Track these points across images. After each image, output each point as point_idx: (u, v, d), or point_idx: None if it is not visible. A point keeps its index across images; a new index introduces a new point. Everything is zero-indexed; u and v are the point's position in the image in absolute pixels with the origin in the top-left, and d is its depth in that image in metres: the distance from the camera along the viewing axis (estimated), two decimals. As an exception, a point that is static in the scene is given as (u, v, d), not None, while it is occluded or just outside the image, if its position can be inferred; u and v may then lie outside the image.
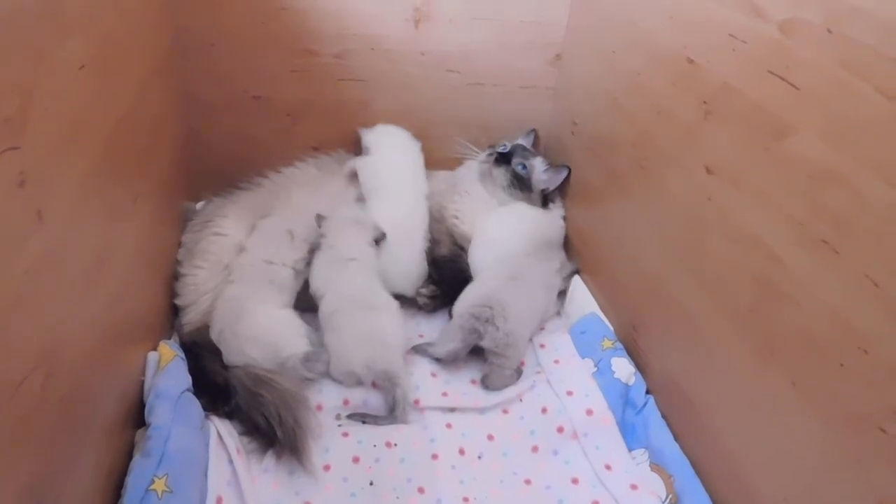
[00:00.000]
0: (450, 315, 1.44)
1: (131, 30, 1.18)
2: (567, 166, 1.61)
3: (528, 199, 1.61)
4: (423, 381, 1.30)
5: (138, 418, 1.08)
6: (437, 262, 1.54)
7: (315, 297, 1.37)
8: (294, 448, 1.12)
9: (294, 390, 1.19)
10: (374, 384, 1.27)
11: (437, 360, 1.35)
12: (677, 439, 1.15)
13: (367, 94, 1.67)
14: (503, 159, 1.60)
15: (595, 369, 1.31)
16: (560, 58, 1.68)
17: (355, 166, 1.60)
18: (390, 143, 1.63)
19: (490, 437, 1.22)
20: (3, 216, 0.68)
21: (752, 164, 0.96)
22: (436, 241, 1.56)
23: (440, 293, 1.50)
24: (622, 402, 1.24)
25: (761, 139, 0.93)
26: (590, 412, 1.22)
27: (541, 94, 1.73)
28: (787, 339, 0.89)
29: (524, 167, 1.59)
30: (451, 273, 1.51)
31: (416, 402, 1.25)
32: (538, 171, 1.61)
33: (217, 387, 1.21)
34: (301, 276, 1.42)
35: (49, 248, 0.78)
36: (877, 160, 0.75)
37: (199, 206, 1.60)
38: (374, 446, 1.16)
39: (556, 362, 1.35)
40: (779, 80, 0.90)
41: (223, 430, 1.13)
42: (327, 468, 1.13)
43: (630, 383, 1.26)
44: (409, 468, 1.13)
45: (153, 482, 0.96)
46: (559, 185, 1.63)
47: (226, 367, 1.24)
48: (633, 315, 1.33)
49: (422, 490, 1.10)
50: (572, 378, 1.30)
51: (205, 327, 1.31)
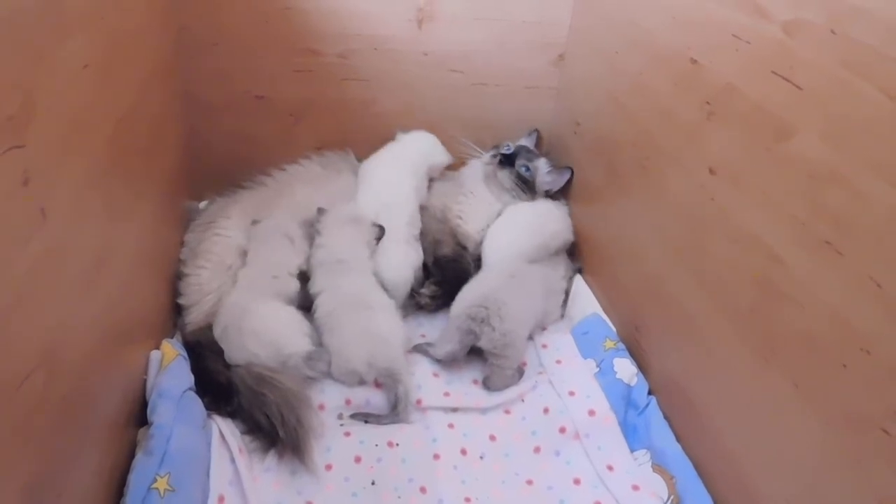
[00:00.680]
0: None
1: (134, 29, 1.18)
2: (570, 168, 1.62)
3: (532, 200, 1.61)
4: (425, 381, 1.30)
5: (140, 417, 1.08)
6: (440, 262, 1.54)
7: (312, 296, 1.38)
8: (296, 447, 1.12)
9: (296, 390, 1.19)
10: (375, 383, 1.27)
11: (438, 361, 1.35)
12: (679, 440, 1.15)
13: (370, 94, 1.67)
14: (507, 161, 1.60)
15: (597, 370, 1.31)
16: (562, 58, 1.68)
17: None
18: (398, 142, 1.64)
19: (492, 438, 1.22)
20: (6, 214, 0.68)
21: (754, 165, 0.96)
22: (438, 241, 1.56)
23: (441, 293, 1.50)
24: (624, 403, 1.24)
25: (764, 139, 0.93)
26: (592, 413, 1.22)
27: (543, 94, 1.73)
28: (789, 340, 0.89)
29: (528, 169, 1.60)
30: (454, 273, 1.50)
31: (418, 401, 1.25)
32: (542, 172, 1.62)
33: (220, 386, 1.21)
34: (304, 274, 1.43)
35: (52, 247, 0.78)
36: (879, 161, 0.75)
37: (201, 205, 1.60)
38: (376, 446, 1.16)
39: (558, 363, 1.35)
40: (782, 80, 0.89)
41: (225, 429, 1.13)
42: (329, 468, 1.13)
43: (632, 384, 1.26)
44: (410, 468, 1.13)
45: (155, 481, 0.96)
46: (562, 187, 1.63)
47: (228, 367, 1.24)
48: (634, 315, 1.33)
49: (423, 490, 1.10)
50: (574, 378, 1.30)
51: (208, 327, 1.31)
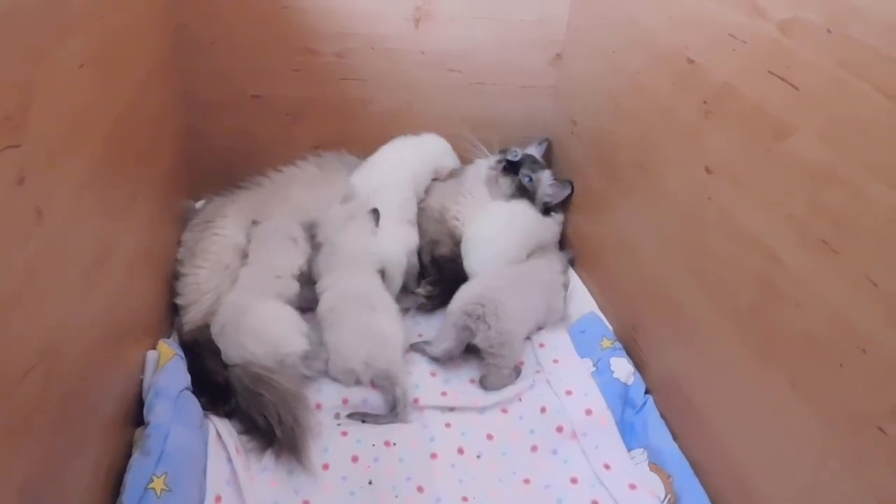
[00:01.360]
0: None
1: (132, 28, 1.18)
2: (571, 183, 1.61)
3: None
4: (423, 380, 1.30)
5: (137, 416, 1.08)
6: (438, 262, 1.54)
7: (318, 292, 1.38)
8: (293, 447, 1.12)
9: (293, 389, 1.18)
10: (372, 384, 1.27)
11: (435, 360, 1.35)
12: (676, 439, 1.15)
13: (368, 93, 1.67)
14: (511, 168, 1.59)
15: (594, 369, 1.31)
16: (560, 57, 1.68)
17: None
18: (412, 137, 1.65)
19: (489, 437, 1.22)
20: (2, 214, 0.68)
21: (752, 164, 0.96)
22: (436, 241, 1.55)
23: (437, 293, 1.50)
24: (621, 402, 1.24)
25: (761, 139, 0.93)
26: (589, 412, 1.22)
27: (541, 92, 1.73)
28: (787, 339, 0.89)
29: (530, 179, 1.58)
30: (451, 273, 1.50)
31: (416, 401, 1.25)
32: (544, 184, 1.60)
33: (217, 386, 1.21)
34: (304, 275, 1.43)
35: (49, 247, 0.78)
36: (876, 160, 0.75)
37: (199, 204, 1.60)
38: (373, 445, 1.16)
39: (555, 362, 1.35)
40: (779, 80, 0.90)
41: (222, 428, 1.13)
42: (326, 467, 1.13)
43: (629, 383, 1.26)
44: (408, 467, 1.13)
45: (152, 480, 0.96)
46: (562, 200, 1.62)
47: (225, 367, 1.24)
48: (632, 315, 1.33)
49: (421, 489, 1.10)
50: (571, 377, 1.30)
51: (205, 326, 1.30)
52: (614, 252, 1.41)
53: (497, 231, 1.52)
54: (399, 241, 1.49)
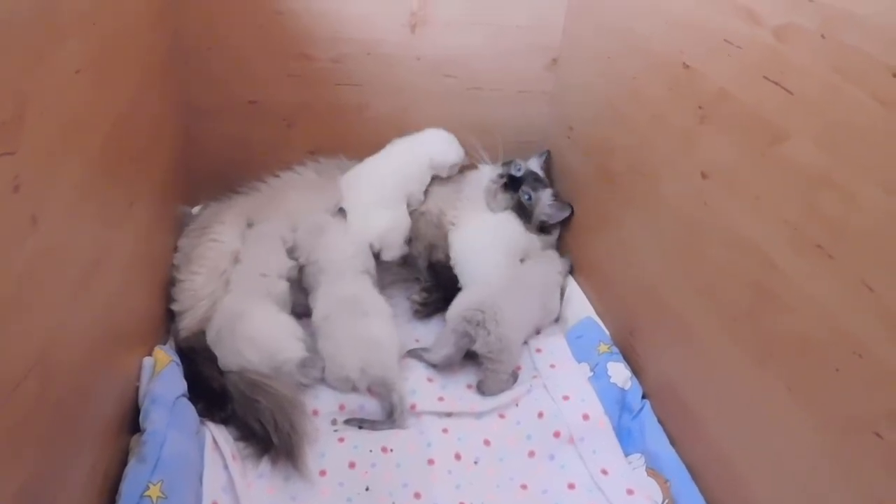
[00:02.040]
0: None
1: (128, 34, 1.18)
2: (571, 206, 1.59)
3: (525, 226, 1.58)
4: (420, 385, 1.30)
5: (134, 423, 1.07)
6: (434, 267, 1.54)
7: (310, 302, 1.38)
8: (289, 453, 1.11)
9: (290, 396, 1.18)
10: (369, 390, 1.26)
11: (434, 366, 1.35)
12: (673, 444, 1.15)
13: (364, 99, 1.67)
14: (513, 184, 1.57)
15: (591, 374, 1.31)
16: (556, 62, 1.68)
17: None
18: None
19: (486, 442, 1.22)
20: (-3, 221, 0.68)
21: (747, 169, 0.96)
22: (434, 246, 1.55)
23: (432, 300, 1.50)
24: (618, 407, 1.24)
25: (756, 144, 0.94)
26: (586, 417, 1.22)
27: (537, 98, 1.73)
28: (783, 344, 0.89)
29: (530, 198, 1.55)
30: (447, 278, 1.50)
31: (413, 406, 1.25)
32: (542, 203, 1.57)
33: (213, 392, 1.20)
34: (295, 283, 1.43)
35: (44, 253, 0.78)
36: (871, 165, 0.76)
37: (195, 210, 1.59)
38: (370, 451, 1.16)
39: (553, 367, 1.35)
40: (773, 85, 0.90)
41: (218, 435, 1.13)
42: (323, 473, 1.12)
43: (626, 388, 1.26)
44: (405, 473, 1.13)
45: (148, 488, 0.95)
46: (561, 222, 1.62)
47: (222, 373, 1.23)
48: (629, 319, 1.33)
49: (418, 495, 1.10)
50: (568, 382, 1.30)
51: (201, 332, 1.30)
52: (611, 257, 1.41)
53: (482, 249, 1.51)
54: (382, 222, 1.48)
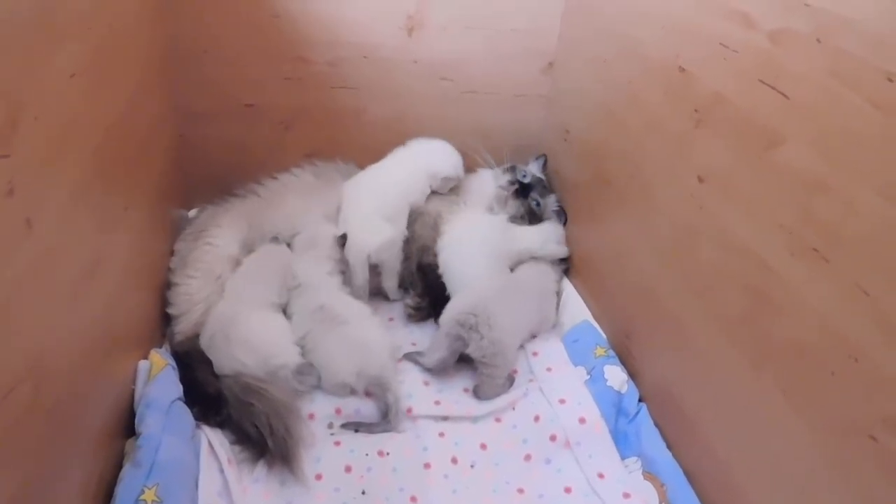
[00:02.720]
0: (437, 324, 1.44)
1: (123, 38, 1.18)
2: (565, 212, 1.63)
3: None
4: (416, 389, 1.30)
5: (129, 428, 1.07)
6: (423, 269, 1.54)
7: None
8: (285, 457, 1.11)
9: (285, 400, 1.18)
10: (366, 393, 1.26)
11: (429, 370, 1.35)
12: (670, 447, 1.15)
13: (360, 102, 1.67)
14: (522, 190, 1.60)
15: (588, 377, 1.30)
16: (552, 66, 1.68)
17: None
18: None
19: (483, 446, 1.21)
20: (-9, 225, 0.68)
21: (743, 173, 0.96)
22: (426, 248, 1.55)
23: (425, 304, 1.50)
24: (615, 411, 1.24)
25: (752, 148, 0.94)
26: (582, 420, 1.22)
27: (533, 102, 1.73)
28: (778, 348, 0.89)
29: (538, 204, 1.61)
30: (435, 280, 1.50)
31: (409, 410, 1.25)
32: (549, 210, 1.63)
33: (209, 396, 1.20)
34: None
35: (38, 257, 0.78)
36: (866, 169, 0.76)
37: (191, 213, 1.59)
38: (367, 455, 1.16)
39: (549, 370, 1.35)
40: (769, 89, 0.90)
41: (214, 439, 1.13)
42: (319, 477, 1.12)
43: (623, 391, 1.26)
44: (401, 477, 1.13)
45: (143, 492, 0.95)
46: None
47: (217, 377, 1.23)
48: (625, 323, 1.33)
49: (414, 499, 1.10)
50: (565, 386, 1.30)
51: (197, 336, 1.30)
52: (607, 260, 1.41)
53: (467, 255, 1.50)
54: (368, 234, 1.47)
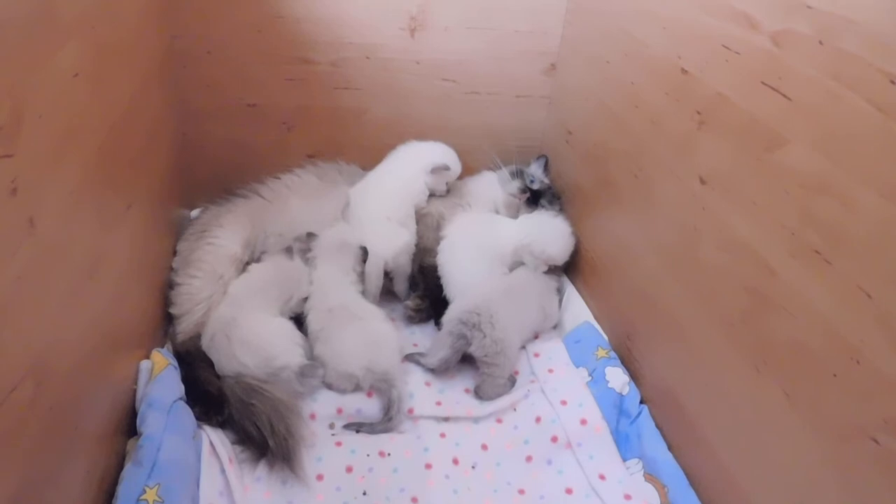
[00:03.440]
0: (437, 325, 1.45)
1: (126, 38, 1.18)
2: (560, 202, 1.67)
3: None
4: (417, 390, 1.30)
5: (130, 427, 1.07)
6: (424, 271, 1.54)
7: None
8: (286, 457, 1.11)
9: (286, 400, 1.18)
10: (368, 392, 1.26)
11: (431, 371, 1.35)
12: (671, 449, 1.15)
13: (363, 103, 1.67)
14: (533, 197, 1.62)
15: (589, 378, 1.31)
16: (555, 67, 1.69)
17: None
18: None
19: (484, 447, 1.21)
20: (-6, 224, 0.68)
21: (744, 175, 0.96)
22: (428, 249, 1.55)
23: (425, 306, 1.50)
24: (616, 412, 1.24)
25: (754, 149, 0.94)
26: (584, 422, 1.22)
27: (535, 103, 1.73)
28: (780, 350, 0.89)
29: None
30: (434, 282, 1.50)
31: (410, 410, 1.25)
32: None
33: (210, 396, 1.20)
34: None
35: (41, 256, 0.78)
36: (868, 171, 0.76)
37: (194, 213, 1.59)
38: (368, 455, 1.16)
39: (550, 371, 1.35)
40: (771, 90, 0.90)
41: (215, 439, 1.13)
42: (320, 477, 1.12)
43: (624, 393, 1.26)
44: (402, 478, 1.13)
45: (144, 492, 0.95)
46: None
47: (219, 377, 1.23)
48: (627, 324, 1.33)
49: (415, 500, 1.10)
50: (566, 387, 1.30)
51: (199, 336, 1.30)
52: (609, 262, 1.41)
53: (463, 260, 1.50)
54: (386, 241, 1.48)
